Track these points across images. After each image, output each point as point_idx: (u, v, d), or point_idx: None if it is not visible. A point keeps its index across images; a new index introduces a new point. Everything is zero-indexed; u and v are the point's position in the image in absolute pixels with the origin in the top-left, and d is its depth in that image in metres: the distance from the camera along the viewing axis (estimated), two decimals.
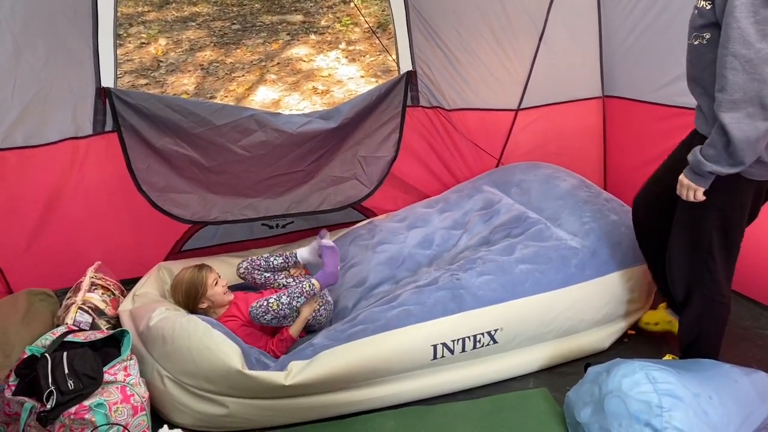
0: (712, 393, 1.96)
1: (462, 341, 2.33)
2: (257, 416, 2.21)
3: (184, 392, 2.21)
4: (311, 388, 2.19)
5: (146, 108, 2.61)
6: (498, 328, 2.37)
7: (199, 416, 2.21)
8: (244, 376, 2.14)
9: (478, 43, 3.10)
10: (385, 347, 2.26)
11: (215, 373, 2.16)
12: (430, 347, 2.30)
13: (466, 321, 2.36)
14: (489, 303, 2.40)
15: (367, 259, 2.85)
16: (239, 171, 2.79)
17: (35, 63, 2.53)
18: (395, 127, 3.03)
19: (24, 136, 2.61)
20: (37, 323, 2.49)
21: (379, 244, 2.92)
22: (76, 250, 2.84)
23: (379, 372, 2.26)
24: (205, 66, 6.49)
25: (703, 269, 2.11)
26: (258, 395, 2.18)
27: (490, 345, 2.38)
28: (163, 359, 2.25)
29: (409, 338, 2.29)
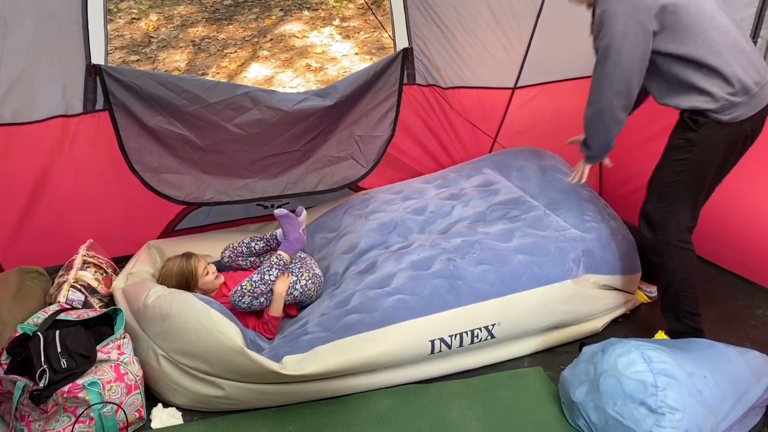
0: (707, 372, 1.97)
1: (460, 336, 2.33)
2: (252, 398, 2.20)
3: (180, 372, 2.20)
4: (306, 377, 2.18)
5: (138, 85, 2.56)
6: (496, 323, 2.37)
7: (194, 396, 2.21)
8: (244, 356, 2.12)
9: (476, 20, 3.05)
10: (383, 344, 2.25)
11: (213, 354, 2.15)
12: (427, 343, 2.29)
13: (464, 316, 2.34)
14: (487, 297, 2.38)
15: (359, 226, 2.82)
16: (234, 150, 2.75)
17: (23, 38, 2.46)
18: (392, 106, 2.98)
19: (12, 112, 2.56)
20: (29, 301, 2.46)
21: (372, 213, 2.90)
22: (67, 228, 2.81)
23: (376, 366, 2.26)
24: (196, 42, 6.39)
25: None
26: (254, 380, 2.17)
27: (488, 339, 2.38)
28: (159, 338, 2.23)
29: (406, 334, 2.28)
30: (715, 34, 2.10)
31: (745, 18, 2.61)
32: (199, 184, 2.76)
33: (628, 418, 1.90)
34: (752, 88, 2.12)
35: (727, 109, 2.11)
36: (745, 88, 2.11)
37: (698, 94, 2.13)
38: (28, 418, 1.99)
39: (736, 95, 2.10)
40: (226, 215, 3.14)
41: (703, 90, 2.12)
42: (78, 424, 1.99)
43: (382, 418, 2.14)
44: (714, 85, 2.10)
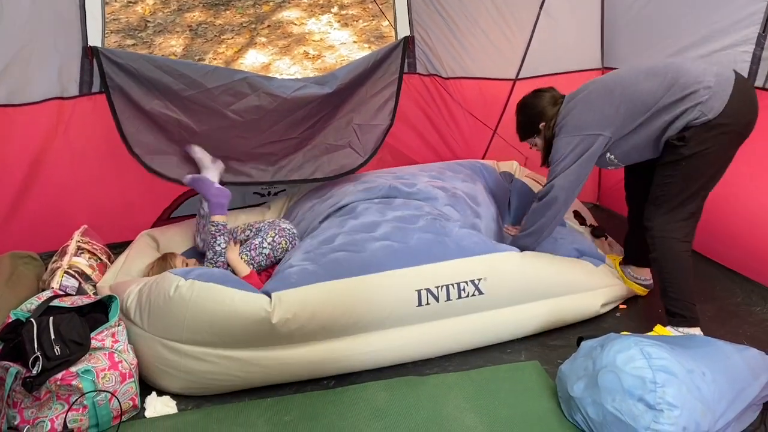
0: (705, 369, 1.96)
1: (446, 288, 2.33)
2: (241, 372, 2.17)
3: (171, 351, 2.17)
4: (295, 328, 2.16)
5: (135, 69, 2.52)
6: (482, 277, 2.37)
7: (183, 375, 2.17)
8: (231, 302, 2.12)
9: (478, 9, 3.03)
10: (370, 288, 2.26)
11: (200, 314, 2.12)
12: (414, 292, 2.29)
13: (450, 269, 2.36)
14: (472, 254, 2.41)
15: (345, 190, 2.83)
16: (231, 137, 2.72)
17: (18, 19, 2.42)
18: (391, 95, 2.96)
19: (6, 93, 2.52)
20: (22, 287, 2.43)
21: (362, 182, 2.90)
22: (61, 213, 2.78)
23: (365, 316, 2.25)
24: (193, 27, 6.34)
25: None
26: (245, 335, 2.14)
27: (476, 296, 2.37)
28: (146, 320, 2.21)
29: (393, 281, 2.29)
30: (646, 84, 2.28)
31: (755, 12, 2.59)
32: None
33: (626, 414, 1.89)
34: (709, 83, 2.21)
35: (705, 108, 2.19)
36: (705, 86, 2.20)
37: (675, 121, 2.24)
38: (21, 405, 1.96)
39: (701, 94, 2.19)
40: None
41: (676, 117, 2.24)
42: (71, 411, 1.97)
43: (378, 410, 2.12)
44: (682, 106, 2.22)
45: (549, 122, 2.52)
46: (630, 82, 2.33)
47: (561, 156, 2.39)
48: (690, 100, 2.22)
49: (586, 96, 2.41)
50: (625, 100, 2.31)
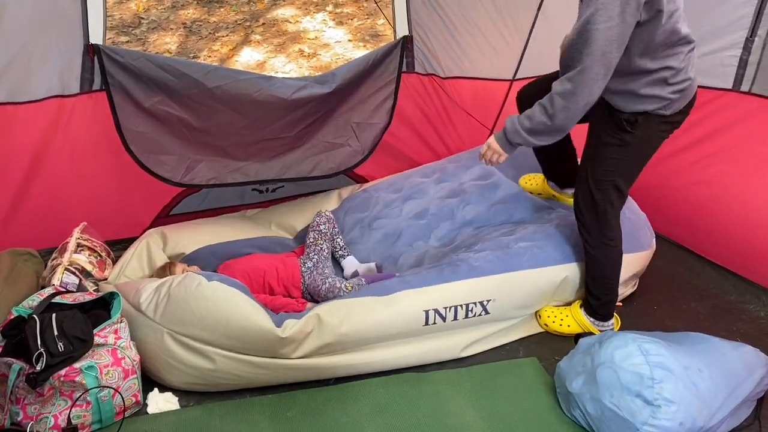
0: (702, 366, 2.00)
1: (454, 309, 2.35)
2: (246, 373, 2.19)
3: (177, 344, 2.17)
4: (303, 346, 2.19)
5: (136, 67, 2.52)
6: (491, 299, 2.39)
7: (190, 371, 2.18)
8: (244, 318, 2.14)
9: (477, 10, 3.05)
10: (379, 308, 2.28)
11: (213, 317, 2.14)
12: (422, 312, 2.31)
13: (459, 289, 2.37)
14: (484, 273, 2.41)
15: (364, 239, 2.87)
16: (230, 133, 2.72)
17: (20, 16, 2.41)
18: (390, 94, 2.97)
19: (7, 91, 2.51)
20: (21, 284, 2.43)
21: (375, 220, 2.93)
22: (61, 210, 2.77)
23: (371, 333, 2.27)
24: (187, 24, 6.32)
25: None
26: (252, 347, 2.16)
27: (482, 315, 2.40)
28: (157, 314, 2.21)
29: (402, 302, 2.31)
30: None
31: (743, 16, 2.63)
32: (194, 166, 2.72)
33: (624, 410, 1.93)
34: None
35: (669, 106, 2.12)
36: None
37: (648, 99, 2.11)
38: (24, 401, 1.97)
39: (676, 93, 2.11)
40: (221, 201, 3.12)
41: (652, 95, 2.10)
42: (75, 408, 1.98)
43: (379, 407, 2.15)
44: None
45: None
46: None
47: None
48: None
49: None
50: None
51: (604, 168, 2.24)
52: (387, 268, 2.77)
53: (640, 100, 2.10)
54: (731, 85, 2.75)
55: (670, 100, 2.10)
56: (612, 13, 1.88)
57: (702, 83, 2.77)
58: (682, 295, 2.77)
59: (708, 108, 2.82)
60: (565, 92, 2.00)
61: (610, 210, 2.28)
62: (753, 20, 2.63)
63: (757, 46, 2.64)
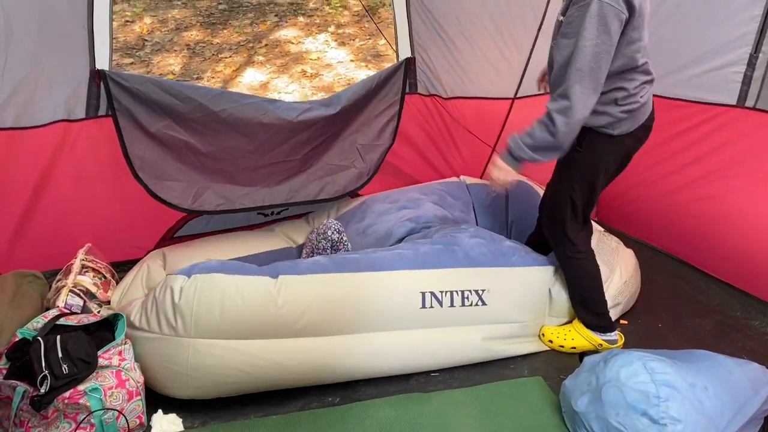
0: (708, 384, 1.99)
1: (450, 294, 2.38)
2: (247, 367, 2.17)
3: (174, 347, 2.16)
4: (299, 315, 2.19)
5: (142, 92, 2.54)
6: (486, 288, 2.43)
7: (192, 373, 2.15)
8: (237, 286, 2.15)
9: (478, 31, 3.08)
10: (376, 283, 2.32)
11: (209, 304, 2.14)
12: (419, 293, 2.35)
13: (456, 275, 2.42)
14: (479, 265, 2.48)
15: (358, 246, 2.87)
16: (237, 157, 2.74)
17: (27, 42, 2.44)
18: (393, 115, 3.01)
19: (14, 116, 2.53)
20: (26, 305, 2.43)
21: (369, 227, 2.93)
22: (65, 233, 2.78)
23: (368, 310, 2.28)
24: (191, 46, 6.39)
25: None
26: (251, 321, 2.16)
27: (479, 305, 2.42)
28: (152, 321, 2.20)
29: (399, 280, 2.35)
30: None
31: (746, 33, 2.65)
32: (201, 192, 2.73)
33: (630, 429, 1.92)
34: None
35: (615, 125, 2.20)
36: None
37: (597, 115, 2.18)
38: (28, 423, 1.96)
39: (624, 113, 2.19)
40: (226, 223, 3.13)
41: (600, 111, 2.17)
42: (79, 430, 1.97)
43: (384, 426, 2.14)
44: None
45: None
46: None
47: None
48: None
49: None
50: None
51: (560, 186, 2.37)
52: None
53: (590, 115, 2.14)
54: (736, 100, 2.76)
55: (617, 118, 2.19)
56: (598, 31, 1.96)
57: (707, 99, 2.83)
58: (687, 311, 2.76)
59: (713, 123, 2.85)
60: (562, 109, 2.05)
61: (569, 225, 2.38)
62: (756, 37, 2.66)
63: (761, 62, 2.66)
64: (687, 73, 2.89)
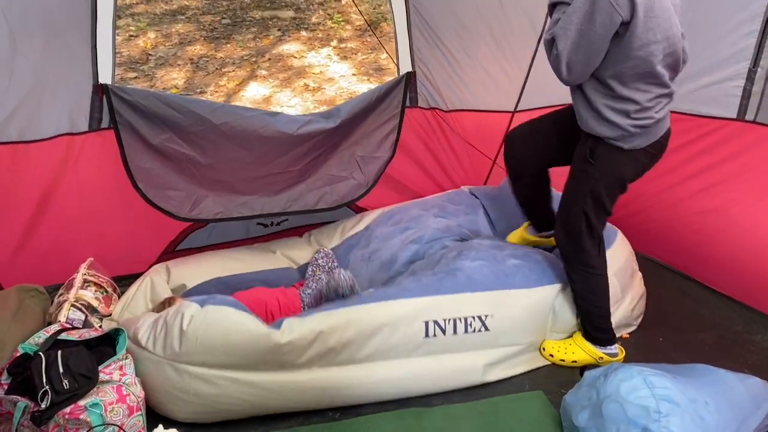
0: (708, 398, 1.98)
1: (453, 322, 2.36)
2: (248, 396, 2.18)
3: (177, 373, 2.17)
4: (303, 351, 2.20)
5: (144, 105, 2.57)
6: (488, 314, 2.41)
7: (194, 399, 2.17)
8: (241, 325, 2.16)
9: (478, 44, 3.10)
10: (379, 315, 2.31)
11: (211, 334, 2.15)
12: (422, 323, 2.33)
13: (458, 302, 2.40)
14: (482, 288, 2.45)
15: (363, 271, 2.88)
16: (237, 169, 2.76)
17: (32, 57, 2.47)
18: (393, 128, 3.03)
19: (18, 130, 2.56)
20: (29, 320, 2.44)
21: (374, 252, 2.95)
22: (68, 247, 2.79)
23: (372, 341, 2.28)
24: (194, 60, 6.43)
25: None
26: (255, 359, 2.17)
27: (482, 332, 2.40)
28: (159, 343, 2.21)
29: (402, 310, 2.33)
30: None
31: (745, 47, 2.66)
32: (200, 201, 2.76)
33: None
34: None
35: (627, 139, 2.19)
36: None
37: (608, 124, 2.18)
38: None
39: (636, 128, 2.17)
40: (226, 236, 3.14)
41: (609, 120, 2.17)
42: None
43: None
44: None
45: None
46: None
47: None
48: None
49: None
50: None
51: (573, 198, 2.35)
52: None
53: (601, 122, 2.18)
54: (736, 114, 2.77)
55: (629, 132, 2.17)
56: (584, 18, 1.99)
57: (707, 113, 2.84)
58: (688, 325, 2.76)
59: (713, 137, 2.86)
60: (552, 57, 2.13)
61: (585, 239, 2.35)
62: (755, 51, 2.67)
63: (760, 76, 2.67)
64: (687, 87, 2.89)
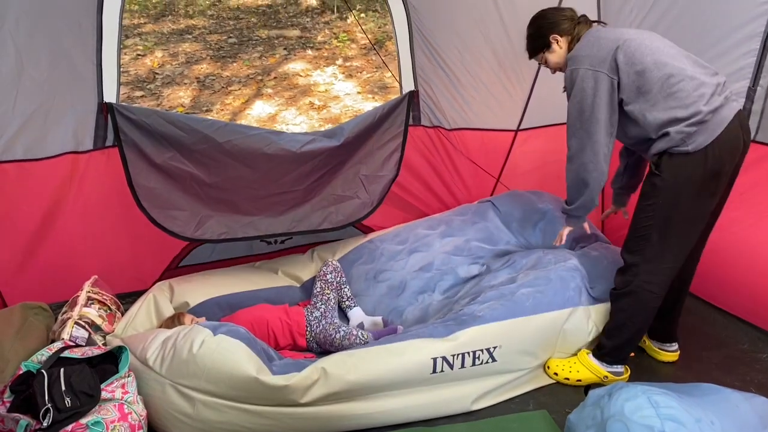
0: (714, 418, 1.95)
1: (462, 357, 2.35)
2: (253, 425, 2.18)
3: (184, 398, 2.17)
4: (310, 392, 2.18)
5: (148, 124, 2.59)
6: (497, 345, 2.39)
7: (196, 424, 2.16)
8: (248, 375, 2.13)
9: (480, 64, 3.12)
10: (386, 356, 2.30)
11: (218, 372, 2.14)
12: (430, 360, 2.31)
13: (467, 335, 2.38)
14: (487, 321, 2.43)
15: (369, 291, 2.89)
16: (241, 188, 2.77)
17: (38, 76, 2.51)
18: (397, 147, 3.03)
19: (24, 149, 2.59)
20: (32, 338, 2.44)
21: (381, 272, 2.95)
22: (72, 264, 2.81)
23: (379, 382, 2.26)
24: (201, 79, 6.49)
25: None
26: (259, 400, 2.16)
27: (489, 363, 2.39)
28: (164, 367, 2.21)
29: (410, 350, 2.32)
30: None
31: (744, 66, 2.67)
32: (205, 221, 2.76)
33: None
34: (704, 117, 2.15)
35: (687, 140, 2.17)
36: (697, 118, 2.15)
37: (658, 139, 2.21)
38: None
39: (691, 126, 2.15)
40: (230, 252, 3.15)
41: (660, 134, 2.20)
42: None
43: None
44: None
45: (562, 35, 2.40)
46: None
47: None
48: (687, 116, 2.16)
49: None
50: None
51: (639, 215, 2.32)
52: (392, 321, 2.78)
53: (655, 142, 2.22)
54: None
55: (686, 133, 2.15)
56: (587, 93, 2.23)
57: None
58: (694, 344, 2.73)
59: None
60: (567, 158, 2.37)
61: (647, 253, 2.30)
62: (754, 70, 2.68)
63: (760, 95, 2.67)
64: None
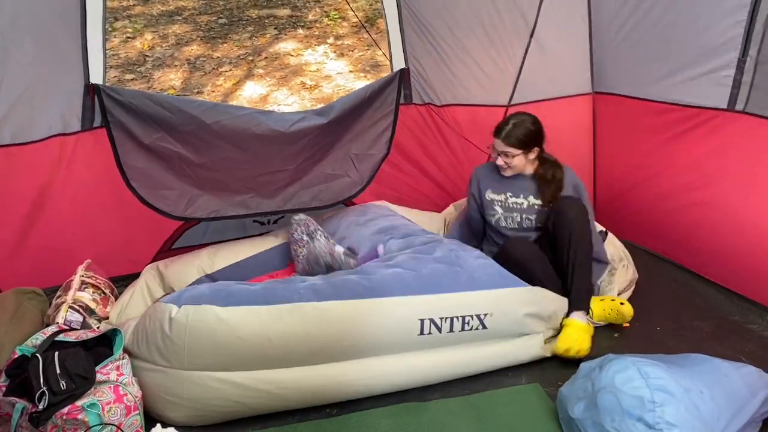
0: (703, 388, 1.98)
1: (450, 320, 2.33)
2: (244, 398, 2.17)
3: (168, 378, 2.17)
4: (293, 347, 2.17)
5: (136, 105, 2.58)
6: (488, 313, 2.39)
7: (187, 404, 2.17)
8: (227, 321, 2.12)
9: (470, 40, 3.10)
10: (372, 312, 2.26)
11: (201, 337, 2.12)
12: (417, 321, 2.30)
13: (457, 300, 2.37)
14: (483, 287, 2.42)
15: (355, 233, 2.85)
16: (231, 168, 2.77)
17: (23, 60, 2.49)
18: (388, 125, 3.03)
19: (11, 133, 2.57)
20: (26, 322, 2.45)
21: (371, 220, 2.92)
22: (64, 248, 2.81)
23: (364, 339, 2.25)
24: (191, 61, 6.44)
25: None
26: (245, 355, 2.15)
27: (479, 329, 2.39)
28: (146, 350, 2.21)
29: (397, 308, 2.29)
30: None
31: (733, 37, 2.66)
32: (195, 200, 2.77)
33: None
34: None
35: None
36: None
37: None
38: None
39: None
40: (223, 233, 3.15)
41: None
42: None
43: None
44: None
45: (541, 151, 2.77)
46: None
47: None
48: None
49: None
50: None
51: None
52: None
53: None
54: (726, 104, 2.77)
55: None
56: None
57: (698, 103, 2.84)
58: (685, 315, 2.76)
59: (705, 128, 2.85)
60: None
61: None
62: (743, 41, 2.66)
63: (749, 66, 2.66)
64: (678, 78, 2.90)
